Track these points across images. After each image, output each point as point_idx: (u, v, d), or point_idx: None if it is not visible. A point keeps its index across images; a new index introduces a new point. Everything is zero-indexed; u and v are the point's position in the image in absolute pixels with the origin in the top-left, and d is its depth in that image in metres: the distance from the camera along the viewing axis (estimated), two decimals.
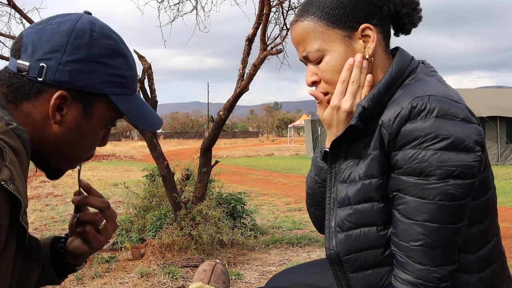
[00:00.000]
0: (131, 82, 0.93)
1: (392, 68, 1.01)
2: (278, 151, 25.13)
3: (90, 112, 0.88)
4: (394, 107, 0.94)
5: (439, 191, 0.88)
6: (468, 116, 0.91)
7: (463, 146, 0.88)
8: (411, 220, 0.91)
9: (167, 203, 4.18)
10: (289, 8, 4.07)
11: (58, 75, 0.84)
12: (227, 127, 72.01)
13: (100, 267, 3.44)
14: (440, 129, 0.88)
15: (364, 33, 1.02)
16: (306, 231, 4.76)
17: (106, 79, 0.87)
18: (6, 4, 3.63)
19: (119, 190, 7.74)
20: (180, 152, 16.26)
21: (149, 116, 0.96)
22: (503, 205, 6.43)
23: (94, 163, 16.79)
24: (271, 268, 3.50)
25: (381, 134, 0.95)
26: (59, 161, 0.93)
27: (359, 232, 1.00)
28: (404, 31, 1.10)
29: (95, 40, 0.87)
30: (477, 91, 17.44)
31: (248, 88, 3.83)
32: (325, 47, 1.02)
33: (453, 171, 0.88)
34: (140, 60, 3.74)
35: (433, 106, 0.90)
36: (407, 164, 0.91)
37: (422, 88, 0.95)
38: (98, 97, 0.88)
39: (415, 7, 1.07)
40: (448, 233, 0.90)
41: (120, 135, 62.50)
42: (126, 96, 0.92)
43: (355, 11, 1.01)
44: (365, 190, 0.99)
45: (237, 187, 8.65)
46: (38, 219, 5.77)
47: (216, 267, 1.43)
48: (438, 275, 0.90)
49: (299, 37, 1.05)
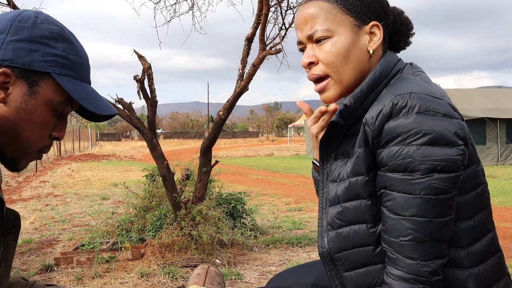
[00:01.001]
0: (79, 68, 0.95)
1: (376, 68, 1.04)
2: (278, 151, 25.13)
3: (35, 91, 0.90)
4: (377, 105, 0.97)
5: (424, 185, 0.90)
6: (450, 112, 0.93)
7: (445, 141, 0.90)
8: (399, 216, 0.93)
9: (167, 203, 4.18)
10: (288, 7, 4.07)
11: (1, 54, 0.87)
12: (227, 127, 72.01)
13: (100, 267, 3.44)
14: (422, 125, 0.90)
15: (372, 30, 1.05)
16: (306, 231, 4.76)
17: (49, 58, 0.90)
18: (6, 4, 3.63)
19: (119, 190, 7.74)
20: (180, 152, 16.26)
21: (99, 101, 0.97)
22: (503, 205, 6.42)
23: (94, 163, 16.79)
24: (271, 268, 3.50)
25: (365, 132, 0.97)
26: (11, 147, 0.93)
27: (349, 230, 1.02)
28: (395, 48, 1.14)
29: (39, 24, 0.91)
30: (477, 91, 17.42)
31: (247, 88, 3.83)
32: (335, 29, 1.04)
33: (437, 165, 0.89)
34: (140, 60, 3.74)
35: (414, 103, 0.92)
36: (392, 161, 0.93)
37: (404, 86, 0.97)
38: (43, 77, 0.90)
39: (410, 29, 1.12)
40: (436, 226, 0.91)
41: (120, 135, 62.47)
42: (72, 79, 0.93)
43: (369, 7, 1.05)
44: (352, 188, 1.01)
45: (237, 187, 8.66)
46: (38, 219, 5.77)
47: (209, 269, 1.44)
48: (429, 269, 0.92)
49: (309, 15, 1.06)
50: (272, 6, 3.84)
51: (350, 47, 1.03)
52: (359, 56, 1.04)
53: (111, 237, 4.20)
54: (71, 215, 6.03)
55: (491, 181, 9.62)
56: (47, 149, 0.98)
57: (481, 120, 13.50)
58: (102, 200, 7.36)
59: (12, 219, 0.85)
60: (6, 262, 0.85)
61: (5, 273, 0.85)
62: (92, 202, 7.15)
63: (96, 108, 0.94)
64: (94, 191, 8.54)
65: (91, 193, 8.31)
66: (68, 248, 4.06)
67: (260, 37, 3.74)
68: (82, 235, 4.64)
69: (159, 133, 62.87)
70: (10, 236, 0.86)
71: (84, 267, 3.53)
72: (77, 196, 7.95)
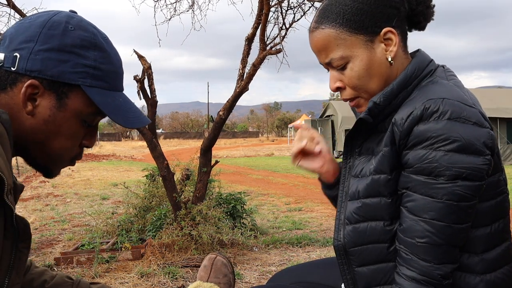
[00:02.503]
0: (110, 77, 0.91)
1: (408, 67, 1.03)
2: (278, 151, 25.13)
3: (64, 103, 0.87)
4: (408, 107, 0.96)
5: (447, 191, 0.90)
6: (480, 120, 0.93)
7: (473, 149, 0.90)
8: (418, 217, 0.94)
9: (167, 203, 4.18)
10: (288, 7, 4.07)
11: (30, 64, 0.84)
12: (227, 127, 72.00)
13: (100, 267, 3.44)
14: (452, 131, 0.90)
15: (386, 37, 1.02)
16: (306, 231, 4.76)
17: (79, 69, 0.86)
18: (5, 4, 3.63)
19: (119, 190, 7.74)
20: (180, 152, 16.27)
21: (130, 113, 0.93)
22: None
23: (94, 163, 16.79)
24: (271, 268, 3.50)
25: (393, 132, 0.97)
26: (42, 157, 0.92)
27: (366, 226, 1.03)
28: (419, 28, 1.11)
29: (69, 32, 0.86)
30: (477, 91, 17.42)
31: (247, 88, 3.83)
32: (349, 54, 1.03)
33: (462, 173, 0.90)
34: (140, 60, 3.73)
35: (446, 108, 0.92)
36: (418, 163, 0.93)
37: (437, 90, 0.97)
38: (73, 88, 0.87)
39: (429, 4, 1.08)
40: (453, 232, 0.92)
41: (120, 135, 62.48)
42: (103, 90, 0.90)
43: (376, 15, 1.01)
44: (374, 185, 1.01)
45: (237, 187, 8.65)
46: (38, 219, 5.77)
47: (216, 260, 1.40)
48: (442, 272, 0.93)
49: (320, 44, 1.05)
50: (273, 6, 3.85)
51: (369, 65, 1.03)
52: (381, 68, 1.04)
53: (111, 237, 4.20)
54: (71, 215, 6.03)
55: None
56: (79, 156, 0.96)
57: None
58: (102, 200, 7.36)
59: (22, 226, 0.83)
60: (18, 270, 0.83)
61: (16, 281, 0.83)
62: (92, 202, 7.15)
63: (126, 122, 0.91)
64: (94, 191, 8.54)
65: (91, 193, 8.31)
66: (68, 248, 4.06)
67: (261, 37, 3.74)
68: (82, 235, 4.64)
69: (159, 133, 62.86)
70: (23, 244, 0.84)
71: (84, 267, 3.53)
72: (77, 196, 7.95)
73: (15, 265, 0.83)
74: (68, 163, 0.96)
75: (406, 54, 1.08)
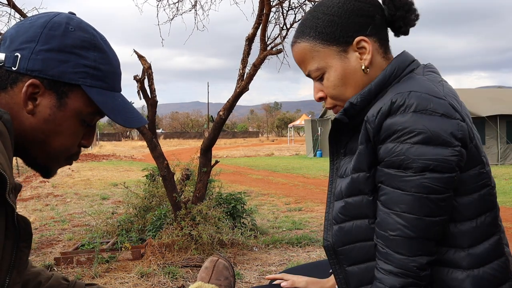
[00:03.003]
0: (110, 77, 0.93)
1: (387, 68, 1.04)
2: (278, 151, 25.14)
3: (64, 102, 0.88)
4: (379, 103, 0.98)
5: (415, 183, 0.91)
6: (449, 112, 0.93)
7: (440, 141, 0.91)
8: (390, 210, 0.95)
9: (167, 203, 4.18)
10: (289, 8, 4.07)
11: (31, 64, 0.85)
12: (227, 127, 72.02)
13: (100, 267, 3.44)
14: (417, 124, 0.91)
15: (359, 46, 1.05)
16: (306, 231, 4.76)
17: (79, 69, 0.88)
18: (6, 4, 3.63)
19: (119, 190, 7.74)
20: (180, 152, 16.26)
21: (128, 113, 0.95)
22: (503, 205, 6.43)
23: (94, 163, 16.79)
24: (271, 268, 3.50)
25: (367, 129, 0.99)
26: (42, 157, 0.92)
27: (352, 225, 1.04)
28: (402, 33, 1.11)
29: (70, 32, 0.88)
30: (477, 90, 17.44)
31: (248, 88, 3.83)
32: (323, 65, 1.07)
33: (429, 165, 0.90)
34: (140, 60, 3.73)
35: (411, 101, 0.93)
36: (388, 157, 0.94)
37: (407, 85, 0.98)
38: (73, 88, 0.88)
39: (409, 8, 1.08)
40: (425, 224, 0.92)
41: (120, 135, 62.50)
42: (103, 90, 0.91)
43: (347, 26, 1.05)
44: (354, 183, 1.02)
45: (237, 187, 8.65)
46: (38, 219, 5.77)
47: (218, 262, 1.41)
48: (417, 264, 0.93)
49: (298, 58, 1.11)
50: (274, 6, 3.85)
51: (344, 74, 1.06)
52: (356, 77, 1.06)
53: (111, 237, 4.20)
54: (71, 215, 6.03)
55: None
56: (76, 156, 0.97)
57: (481, 119, 13.50)
58: (102, 200, 7.36)
59: (23, 225, 0.84)
60: (19, 269, 0.84)
61: (16, 281, 0.83)
62: (92, 202, 7.15)
63: (125, 122, 0.93)
64: (94, 191, 8.54)
65: (91, 193, 8.31)
66: (68, 248, 4.06)
67: (261, 37, 3.74)
68: (82, 235, 4.64)
69: (159, 133, 62.88)
70: (24, 243, 0.84)
71: (84, 267, 3.53)
72: (77, 196, 7.96)
73: (16, 265, 0.83)
74: (66, 162, 0.97)
75: (386, 59, 1.08)
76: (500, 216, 1.05)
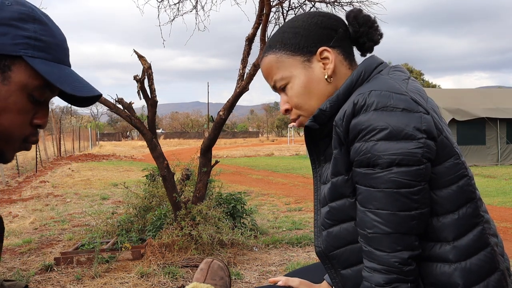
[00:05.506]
0: (53, 49, 0.90)
1: (353, 73, 1.07)
2: (278, 151, 25.13)
3: (8, 76, 0.86)
4: (344, 106, 1.01)
5: (384, 179, 0.93)
6: (410, 106, 0.95)
7: (403, 135, 0.92)
8: (366, 209, 0.96)
9: (167, 203, 4.18)
10: (289, 8, 4.07)
11: None
12: (227, 127, 72.03)
13: (100, 267, 3.44)
14: (378, 121, 0.93)
15: (322, 56, 1.08)
16: (306, 231, 4.76)
17: (19, 40, 0.85)
18: None
19: (119, 190, 7.74)
20: (180, 152, 16.26)
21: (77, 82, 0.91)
22: (503, 205, 6.42)
23: (94, 163, 16.79)
24: (271, 268, 3.50)
25: (337, 133, 1.01)
26: None
27: (339, 229, 1.05)
28: (367, 50, 1.15)
29: (7, 6, 0.86)
30: (477, 91, 17.43)
31: (248, 88, 3.83)
32: (287, 74, 1.10)
33: (395, 159, 0.92)
34: (140, 60, 3.74)
35: (371, 100, 0.95)
36: (357, 156, 0.96)
37: (369, 85, 1.01)
38: (15, 61, 0.86)
39: (371, 25, 1.12)
40: (401, 219, 0.93)
41: (120, 135, 62.52)
42: (47, 61, 0.88)
43: (310, 37, 1.09)
44: (335, 188, 1.04)
45: (237, 187, 8.66)
46: (38, 219, 5.77)
47: (213, 263, 1.43)
48: (398, 259, 0.93)
49: (265, 71, 1.15)
50: (274, 6, 3.85)
51: (307, 83, 1.09)
52: (319, 86, 1.09)
53: (111, 237, 4.21)
54: (71, 215, 6.04)
55: (491, 181, 9.62)
56: (33, 137, 0.93)
57: (481, 120, 13.50)
58: (102, 200, 7.36)
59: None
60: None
61: None
62: (92, 202, 7.16)
63: (74, 90, 0.88)
64: (94, 191, 8.54)
65: (91, 193, 8.32)
66: (68, 248, 4.07)
67: (261, 37, 3.74)
68: (82, 235, 4.64)
69: (159, 133, 62.89)
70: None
71: (84, 267, 3.53)
72: (77, 196, 7.96)
73: None
74: (20, 144, 0.93)
75: (352, 70, 1.12)
76: (499, 215, 1.05)
